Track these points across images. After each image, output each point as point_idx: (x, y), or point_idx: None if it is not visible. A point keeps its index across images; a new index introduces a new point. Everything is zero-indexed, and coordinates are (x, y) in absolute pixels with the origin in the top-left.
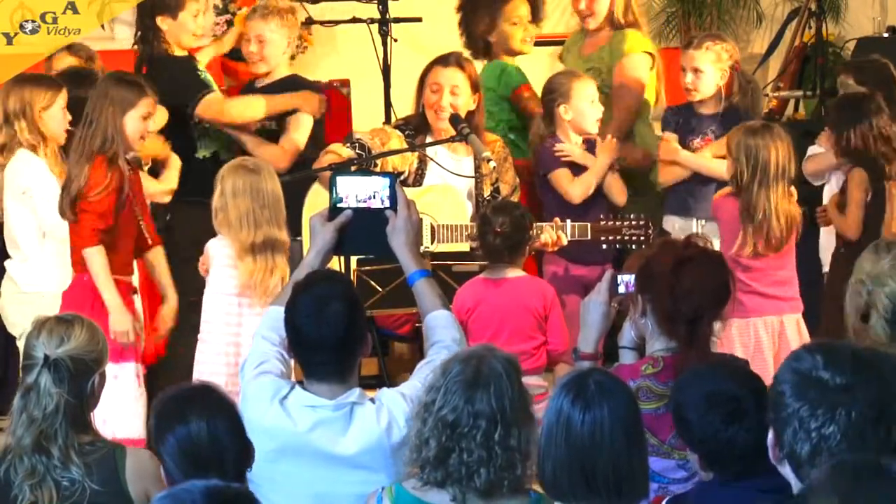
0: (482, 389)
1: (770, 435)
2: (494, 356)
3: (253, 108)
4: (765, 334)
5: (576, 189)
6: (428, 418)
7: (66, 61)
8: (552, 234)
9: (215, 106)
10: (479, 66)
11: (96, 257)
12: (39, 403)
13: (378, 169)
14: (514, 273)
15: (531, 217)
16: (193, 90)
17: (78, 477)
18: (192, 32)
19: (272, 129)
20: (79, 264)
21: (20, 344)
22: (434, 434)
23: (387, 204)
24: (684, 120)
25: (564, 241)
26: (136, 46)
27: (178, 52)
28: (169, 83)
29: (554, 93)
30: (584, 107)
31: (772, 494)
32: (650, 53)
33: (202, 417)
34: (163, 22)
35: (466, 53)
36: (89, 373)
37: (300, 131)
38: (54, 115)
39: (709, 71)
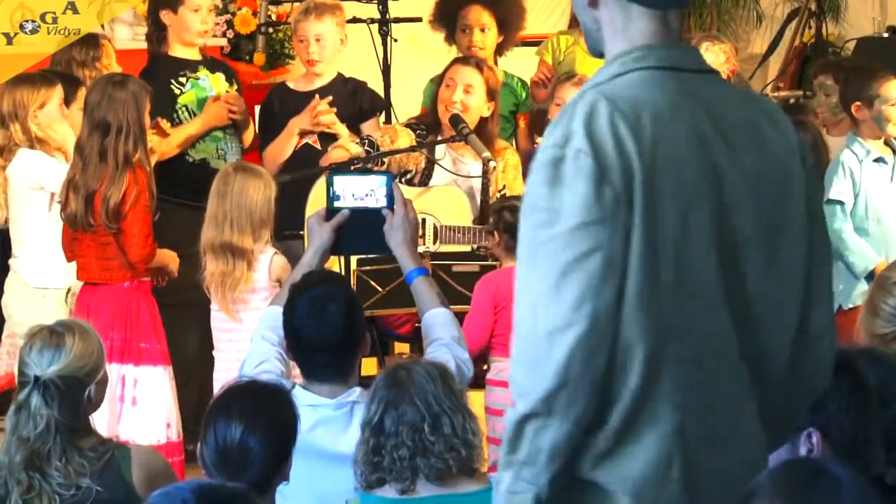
0: (402, 390)
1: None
2: (416, 363)
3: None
4: None
5: None
6: (364, 432)
7: None
8: None
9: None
10: None
11: None
12: (29, 424)
13: (386, 166)
14: None
15: None
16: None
17: (80, 484)
18: (194, 29)
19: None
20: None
21: (16, 342)
22: (369, 441)
23: (384, 203)
24: None
25: None
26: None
27: (176, 54)
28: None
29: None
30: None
31: None
32: None
33: (241, 419)
34: (165, 16)
35: None
36: (83, 387)
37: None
38: (50, 113)
39: None
